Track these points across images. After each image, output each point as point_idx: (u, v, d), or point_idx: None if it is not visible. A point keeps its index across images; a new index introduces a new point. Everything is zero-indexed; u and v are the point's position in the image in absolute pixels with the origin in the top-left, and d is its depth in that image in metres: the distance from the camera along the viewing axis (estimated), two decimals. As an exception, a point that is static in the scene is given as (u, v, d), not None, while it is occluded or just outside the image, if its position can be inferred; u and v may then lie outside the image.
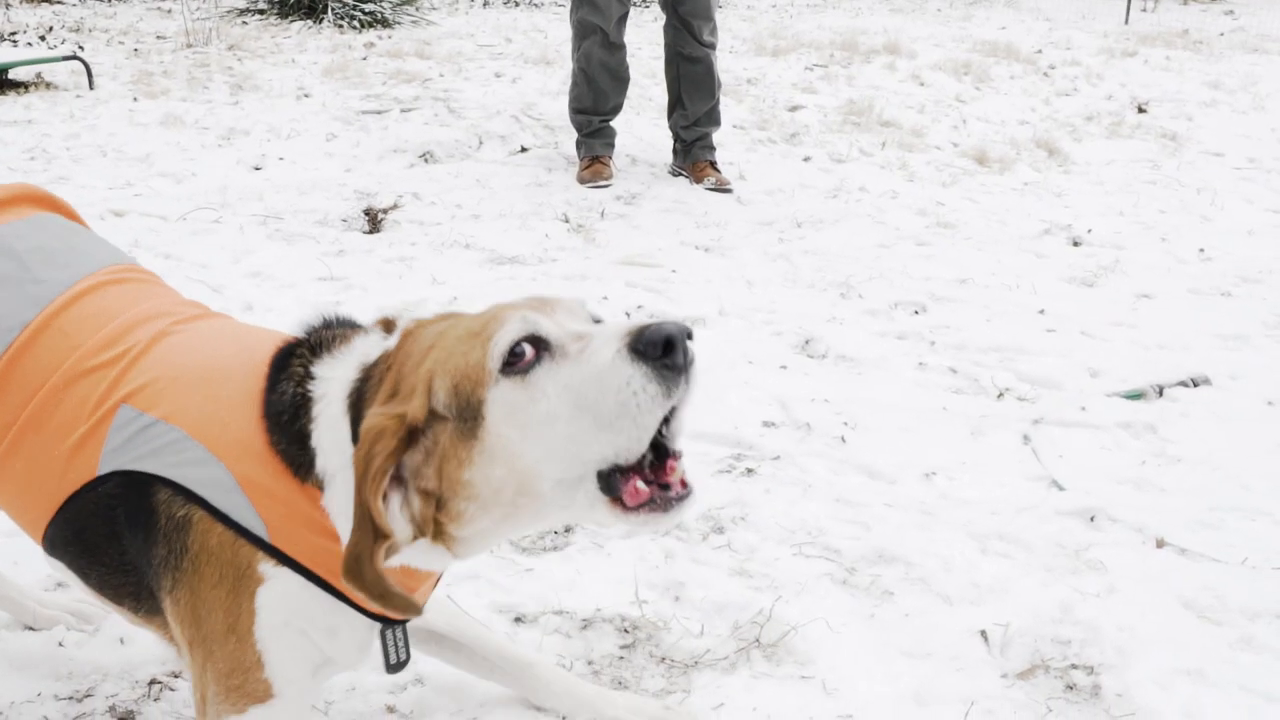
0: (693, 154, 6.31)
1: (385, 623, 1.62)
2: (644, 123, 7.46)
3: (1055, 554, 2.69)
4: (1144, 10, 16.43)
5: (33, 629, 2.26)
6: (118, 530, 1.58)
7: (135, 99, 7.76)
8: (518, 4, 15.25)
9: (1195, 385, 3.71)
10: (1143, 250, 5.39)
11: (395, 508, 1.42)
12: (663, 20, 6.31)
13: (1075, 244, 5.47)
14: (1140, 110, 8.63)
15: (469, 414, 1.40)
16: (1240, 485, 3.07)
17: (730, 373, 3.72)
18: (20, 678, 2.13)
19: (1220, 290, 4.81)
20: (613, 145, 6.40)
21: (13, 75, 8.33)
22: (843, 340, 4.05)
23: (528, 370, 1.39)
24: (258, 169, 6.21)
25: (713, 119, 6.32)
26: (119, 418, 1.58)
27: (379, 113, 7.48)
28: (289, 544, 1.51)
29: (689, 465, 1.43)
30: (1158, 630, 2.38)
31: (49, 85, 8.21)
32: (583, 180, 6.13)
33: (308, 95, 8.05)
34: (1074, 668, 2.27)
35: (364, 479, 1.38)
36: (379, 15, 12.10)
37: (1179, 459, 3.22)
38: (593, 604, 2.42)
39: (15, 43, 10.56)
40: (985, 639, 2.35)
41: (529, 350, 1.39)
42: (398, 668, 1.67)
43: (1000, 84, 9.43)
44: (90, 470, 1.57)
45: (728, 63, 9.75)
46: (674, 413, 1.37)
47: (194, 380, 1.61)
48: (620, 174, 6.34)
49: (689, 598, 2.47)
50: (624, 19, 6.13)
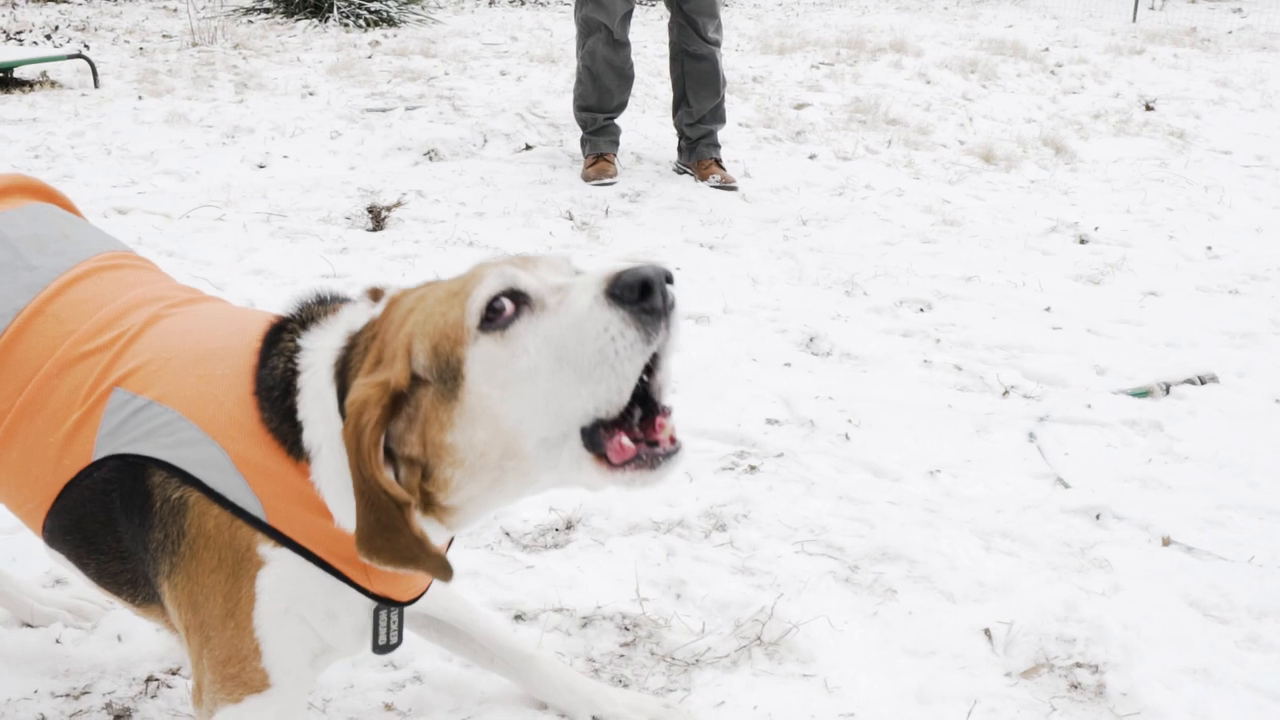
0: (697, 151, 6.29)
1: (383, 603, 1.59)
2: (649, 120, 7.44)
3: (1060, 552, 2.67)
4: (1152, 8, 16.37)
5: (30, 626, 2.25)
6: (113, 516, 1.55)
7: (140, 97, 7.75)
8: (523, 2, 15.24)
9: (1202, 383, 3.69)
10: (1150, 248, 5.36)
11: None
12: (668, 18, 6.29)
13: (1082, 241, 5.44)
14: (1148, 108, 8.59)
15: (449, 375, 1.37)
16: (1247, 483, 3.04)
17: (734, 370, 3.70)
18: (17, 675, 2.12)
19: (1228, 288, 4.78)
20: (617, 143, 6.38)
21: (18, 74, 8.34)
22: (847, 338, 4.03)
23: (507, 326, 1.35)
24: (262, 167, 6.20)
25: (717, 116, 6.30)
26: (112, 401, 1.55)
27: (383, 111, 7.46)
28: (287, 524, 1.48)
29: (680, 432, 1.38)
30: (1163, 629, 2.36)
31: (54, 84, 8.22)
32: (587, 178, 6.11)
33: (312, 93, 8.05)
34: (1079, 666, 2.25)
35: (360, 456, 1.35)
36: (384, 14, 12.09)
37: (1186, 457, 3.20)
38: (593, 601, 2.41)
39: (21, 41, 10.57)
40: (989, 637, 2.33)
41: (508, 305, 1.36)
42: (385, 649, 1.63)
43: (1007, 82, 9.40)
44: (86, 456, 1.54)
45: (734, 61, 9.73)
46: (658, 364, 1.33)
47: (188, 361, 1.58)
48: (625, 172, 6.32)
49: (690, 595, 2.45)
50: (629, 16, 6.11)
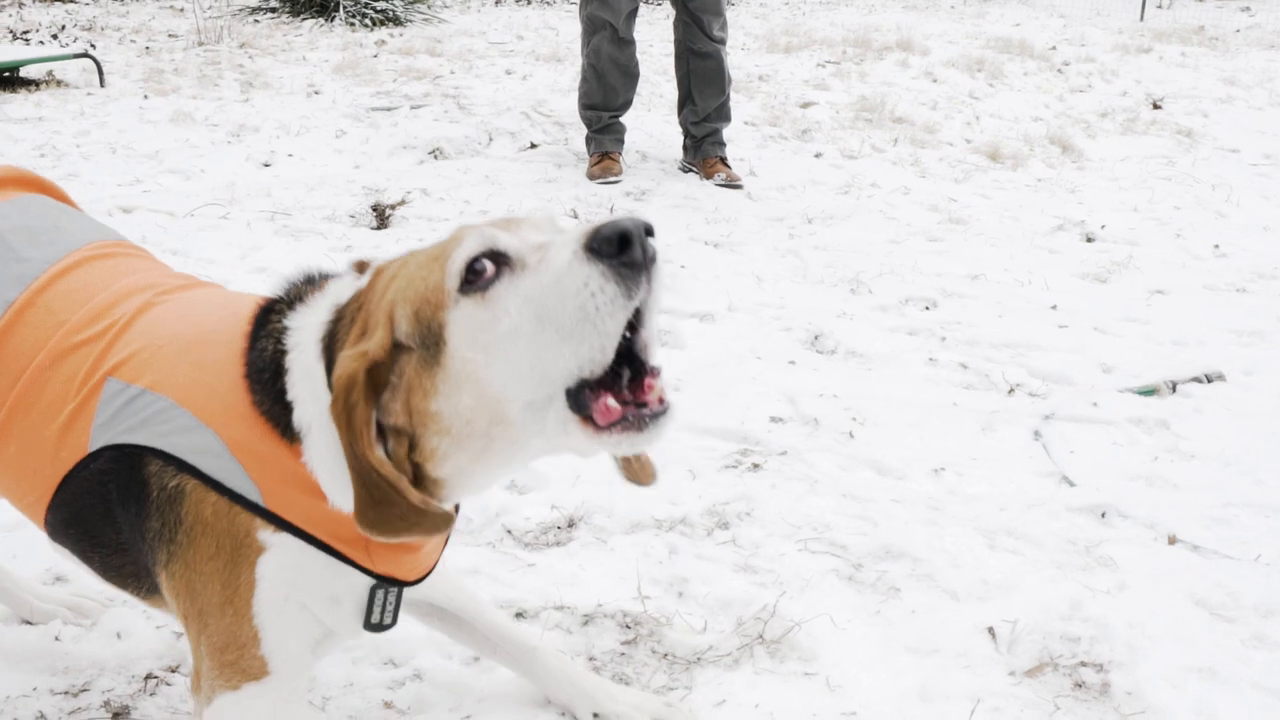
0: (703, 150, 6.27)
1: (388, 584, 1.56)
2: (654, 119, 7.43)
3: (1065, 550, 2.65)
4: (1160, 7, 16.32)
5: (30, 623, 2.24)
6: (111, 508, 1.53)
7: (146, 96, 7.76)
8: (530, 2, 15.24)
9: (1209, 381, 3.67)
10: (1157, 246, 5.33)
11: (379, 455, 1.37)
12: (673, 16, 6.28)
13: (1089, 240, 5.42)
14: (1155, 106, 8.56)
15: (431, 340, 1.34)
16: (1254, 481, 3.02)
17: (738, 368, 3.69)
18: (16, 672, 2.11)
19: (1235, 286, 4.76)
20: (622, 141, 6.37)
21: (24, 73, 8.34)
22: (852, 336, 4.01)
23: (487, 287, 1.32)
24: (267, 165, 6.20)
25: (723, 115, 6.28)
26: (106, 391, 1.53)
27: (389, 109, 7.46)
28: (285, 508, 1.45)
29: (665, 382, 1.35)
30: (1169, 627, 2.34)
31: (60, 83, 8.22)
32: (592, 176, 6.10)
33: (318, 92, 8.05)
34: (1083, 665, 2.23)
35: (352, 435, 1.33)
36: (390, 13, 12.10)
37: (1192, 455, 3.18)
38: (594, 599, 2.39)
39: (28, 40, 10.59)
40: (993, 636, 2.31)
41: (488, 266, 1.33)
42: (378, 628, 1.59)
43: (1014, 80, 9.37)
44: (82, 448, 1.52)
45: (740, 60, 9.72)
46: (643, 320, 1.30)
47: (179, 348, 1.55)
48: (630, 170, 6.31)
49: (692, 593, 2.44)
50: (633, 14, 6.10)
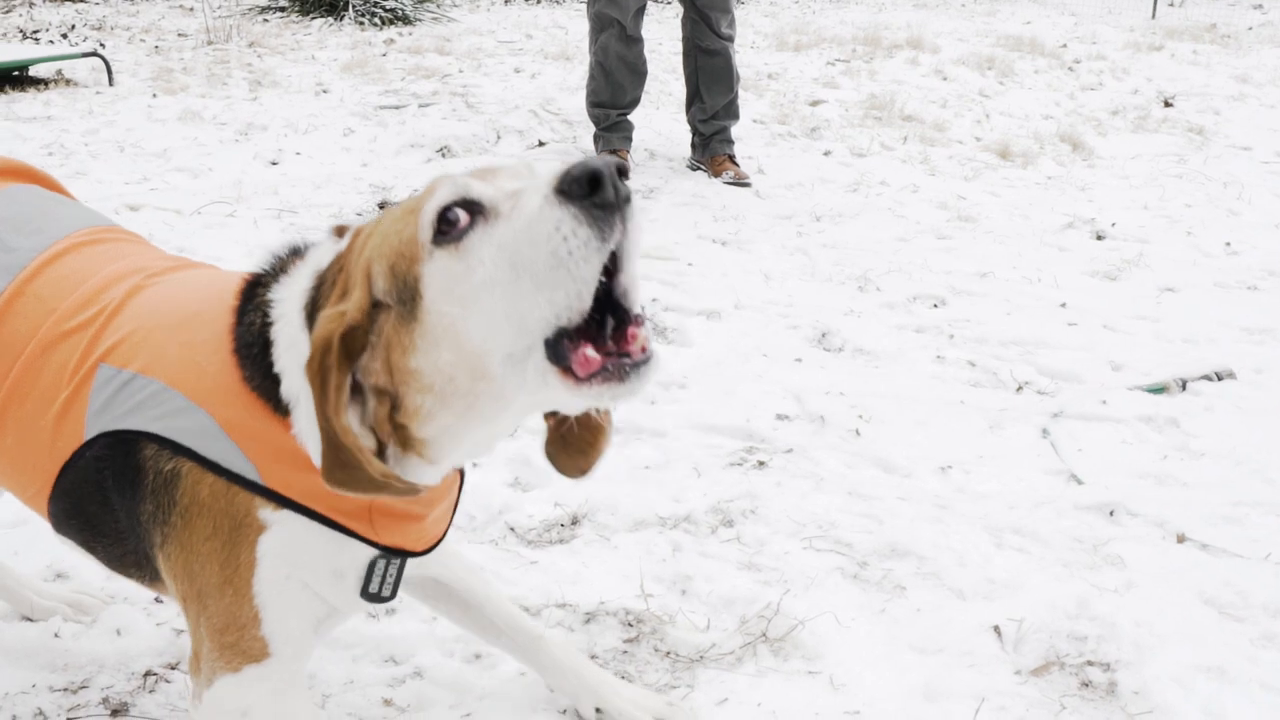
0: (711, 148, 6.25)
1: (394, 555, 1.53)
2: (663, 117, 7.41)
3: (1072, 549, 2.63)
4: (1171, 4, 16.25)
5: (30, 619, 2.23)
6: (108, 495, 1.51)
7: (154, 95, 7.77)
8: (539, 0, 15.23)
9: (1219, 379, 3.64)
10: (1167, 244, 5.30)
11: (355, 421, 1.34)
12: (681, 13, 6.26)
13: (1099, 238, 5.39)
14: (1167, 104, 8.51)
15: (407, 295, 1.31)
16: (1264, 480, 2.99)
17: (745, 366, 3.67)
18: (15, 668, 2.10)
19: (1246, 284, 4.72)
20: (630, 139, 6.35)
21: (33, 72, 8.37)
22: (860, 333, 3.99)
23: (461, 238, 1.29)
24: (274, 164, 6.20)
25: (731, 112, 6.26)
26: (99, 377, 1.51)
27: (397, 108, 7.46)
28: (284, 484, 1.43)
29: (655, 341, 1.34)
30: (1177, 627, 2.31)
31: (69, 82, 8.24)
32: (599, 174, 6.07)
33: (326, 91, 8.05)
34: (1090, 664, 2.21)
35: (324, 398, 1.30)
36: (400, 12, 12.10)
37: (1202, 453, 3.15)
38: (597, 597, 2.38)
39: (38, 40, 10.62)
40: (998, 635, 2.29)
41: (462, 216, 1.29)
42: (375, 599, 1.56)
43: (1024, 78, 9.33)
44: (78, 437, 1.51)
45: (749, 58, 9.69)
46: (621, 265, 1.26)
47: (169, 329, 1.53)
48: (638, 168, 6.29)
49: (696, 591, 2.42)
50: (641, 12, 6.08)
